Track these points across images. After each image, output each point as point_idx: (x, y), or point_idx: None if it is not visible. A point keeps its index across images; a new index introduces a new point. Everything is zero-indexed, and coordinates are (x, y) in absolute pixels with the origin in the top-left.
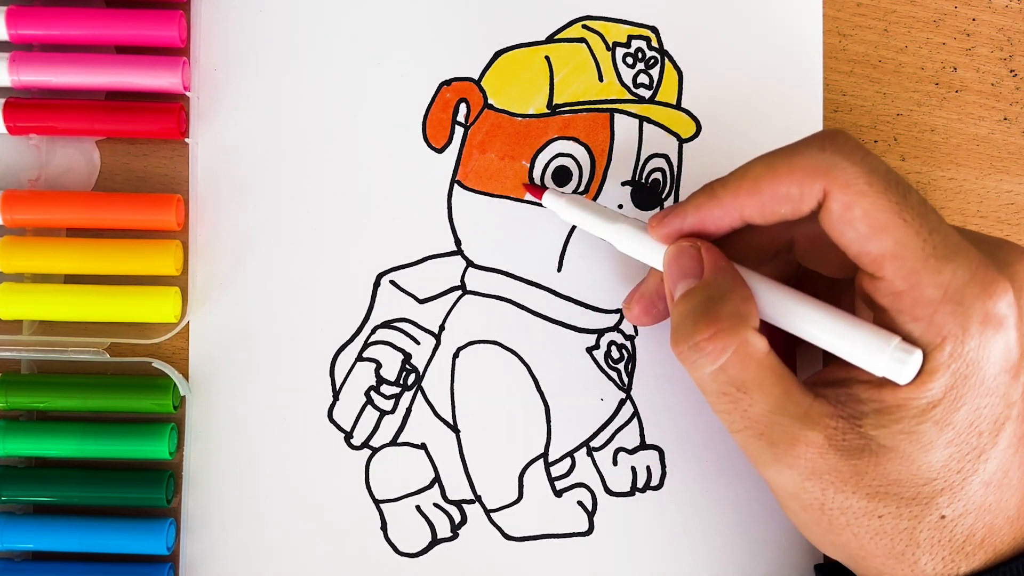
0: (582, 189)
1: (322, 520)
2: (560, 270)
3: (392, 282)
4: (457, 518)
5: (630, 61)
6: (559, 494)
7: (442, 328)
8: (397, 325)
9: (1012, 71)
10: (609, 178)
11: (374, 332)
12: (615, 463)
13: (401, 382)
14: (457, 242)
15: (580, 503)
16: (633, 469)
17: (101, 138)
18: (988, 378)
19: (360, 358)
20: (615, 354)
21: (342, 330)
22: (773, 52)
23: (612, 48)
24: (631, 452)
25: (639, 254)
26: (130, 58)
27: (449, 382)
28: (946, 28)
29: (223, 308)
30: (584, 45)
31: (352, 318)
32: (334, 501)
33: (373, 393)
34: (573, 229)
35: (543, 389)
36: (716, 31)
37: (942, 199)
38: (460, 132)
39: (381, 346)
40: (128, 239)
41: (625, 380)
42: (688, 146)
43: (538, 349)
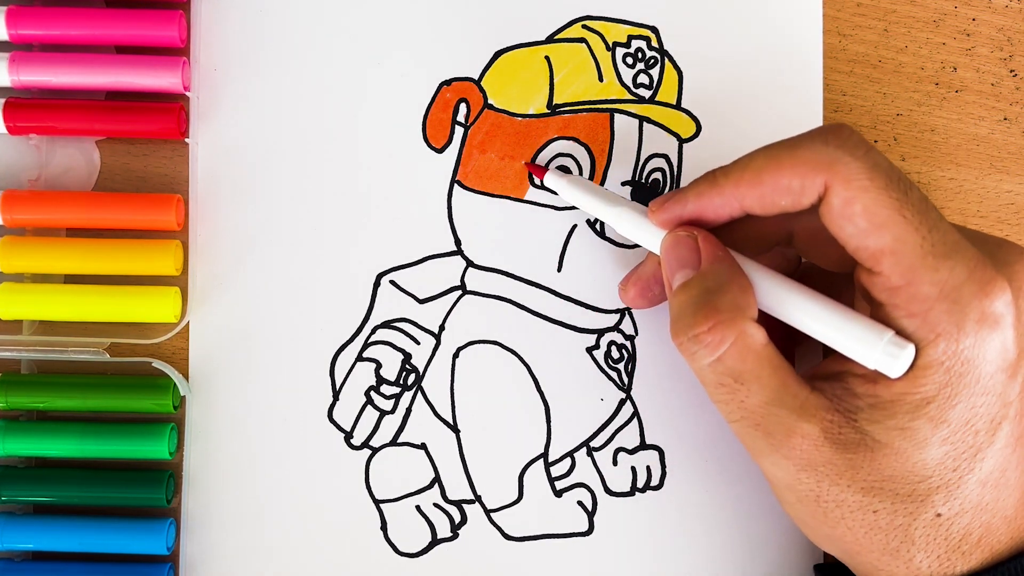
0: None
1: (322, 520)
2: (560, 270)
3: (392, 282)
4: (457, 518)
5: (630, 61)
6: (559, 494)
7: (442, 328)
8: (397, 325)
9: (1012, 71)
10: (609, 178)
11: (374, 332)
12: (615, 463)
13: (401, 382)
14: (457, 242)
15: (580, 503)
16: (633, 469)
17: (101, 138)
18: (984, 376)
19: (360, 358)
20: (615, 354)
21: (342, 330)
22: (773, 52)
23: (612, 48)
24: (631, 452)
25: (638, 238)
26: (130, 58)
27: (449, 382)
28: (946, 28)
29: (223, 308)
30: (584, 45)
31: (352, 318)
32: (334, 501)
33: (373, 393)
34: (573, 229)
35: (543, 389)
36: (716, 31)
37: (942, 199)
38: (460, 132)
39: (381, 346)
40: (128, 239)
41: (625, 380)
42: (688, 146)
43: (538, 349)
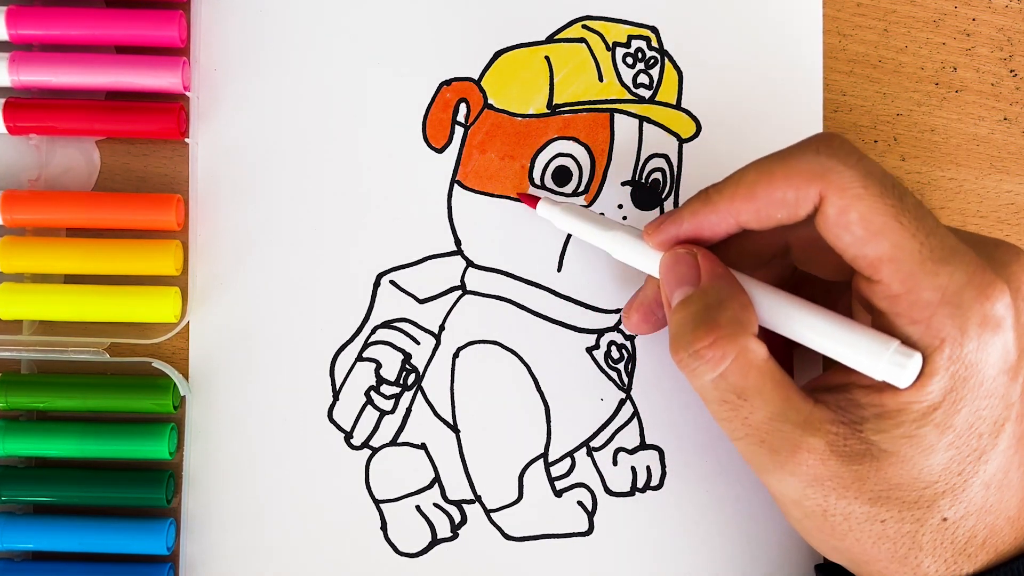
0: (582, 189)
1: (322, 520)
2: (560, 270)
3: (392, 282)
4: (457, 518)
5: (630, 61)
6: (559, 494)
7: (442, 328)
8: (397, 325)
9: (1012, 71)
10: (609, 178)
11: (374, 332)
12: (615, 463)
13: (401, 382)
14: (457, 242)
15: (580, 503)
16: (633, 469)
17: (101, 138)
18: (987, 380)
19: (360, 358)
20: (615, 354)
21: (342, 330)
22: (773, 52)
23: (612, 48)
24: (631, 452)
25: (635, 262)
26: (130, 58)
27: (449, 382)
28: (946, 28)
29: (223, 308)
30: (584, 45)
31: (352, 318)
32: (334, 501)
33: (373, 393)
34: None
35: (543, 389)
36: (716, 31)
37: (942, 199)
38: (460, 132)
39: (381, 346)
40: (128, 239)
41: (625, 380)
42: (688, 146)
43: (538, 349)
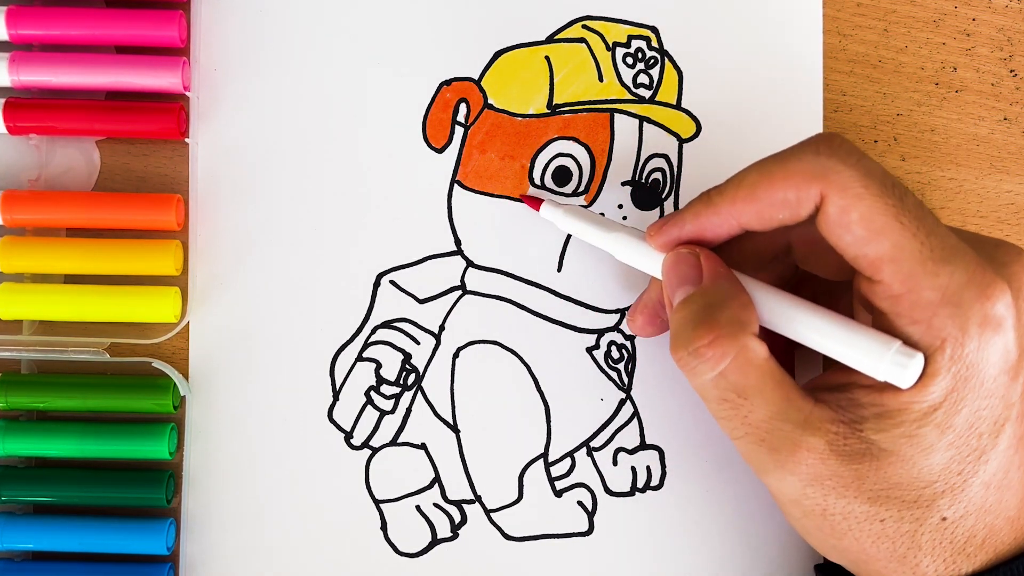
0: (582, 189)
1: (322, 520)
2: (560, 270)
3: (392, 282)
4: (457, 518)
5: (630, 61)
6: (559, 494)
7: (442, 328)
8: (397, 325)
9: (1012, 71)
10: (609, 178)
11: (374, 332)
12: (615, 463)
13: (401, 382)
14: (457, 242)
15: (580, 503)
16: (633, 469)
17: (101, 138)
18: (988, 380)
19: (360, 358)
20: (615, 354)
21: (342, 330)
22: (773, 52)
23: (612, 48)
24: (631, 452)
25: (638, 263)
26: (130, 58)
27: (449, 382)
28: (946, 28)
29: (223, 308)
30: (584, 45)
31: (352, 318)
32: (334, 501)
33: (373, 393)
34: None
35: (543, 389)
36: (716, 31)
37: (942, 199)
38: (460, 132)
39: (381, 346)
40: (128, 239)
41: (625, 380)
42: (688, 146)
43: (538, 349)
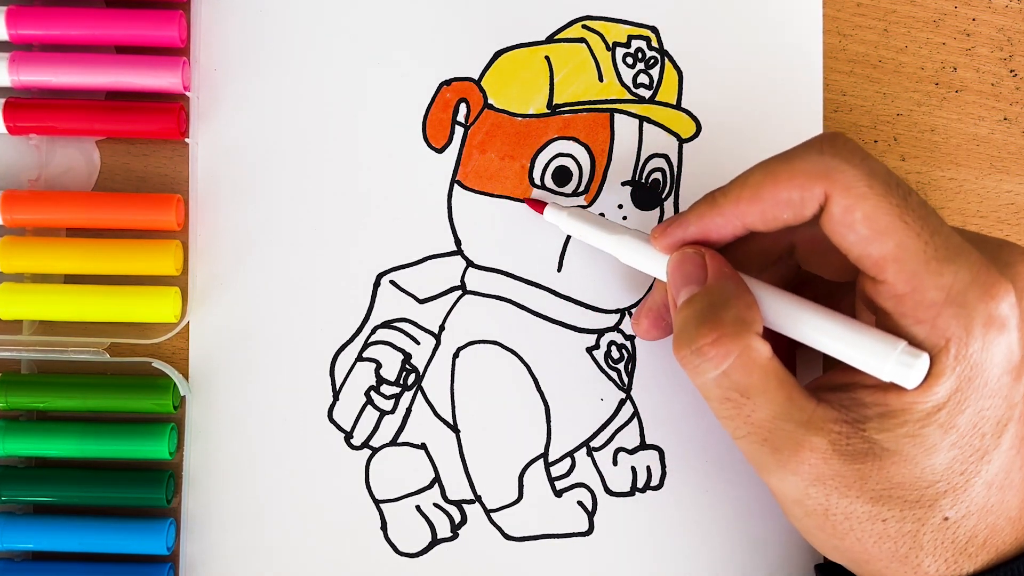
0: (582, 189)
1: (322, 520)
2: (560, 270)
3: (392, 282)
4: (457, 518)
5: (630, 61)
6: (559, 494)
7: (442, 328)
8: (397, 325)
9: (1012, 71)
10: (609, 178)
11: (374, 332)
12: (615, 463)
13: (401, 382)
14: (457, 242)
15: (580, 503)
16: (633, 469)
17: (101, 138)
18: (991, 380)
19: (360, 358)
20: (615, 354)
21: (342, 330)
22: (773, 52)
23: (612, 48)
24: (631, 452)
25: (642, 265)
26: (130, 58)
27: (449, 382)
28: (946, 28)
29: (223, 308)
30: (584, 45)
31: (352, 318)
32: (334, 501)
33: (373, 393)
34: None
35: (543, 389)
36: (716, 31)
37: (942, 199)
38: (460, 132)
39: (381, 346)
40: (128, 239)
41: (625, 380)
42: (688, 146)
43: (538, 349)
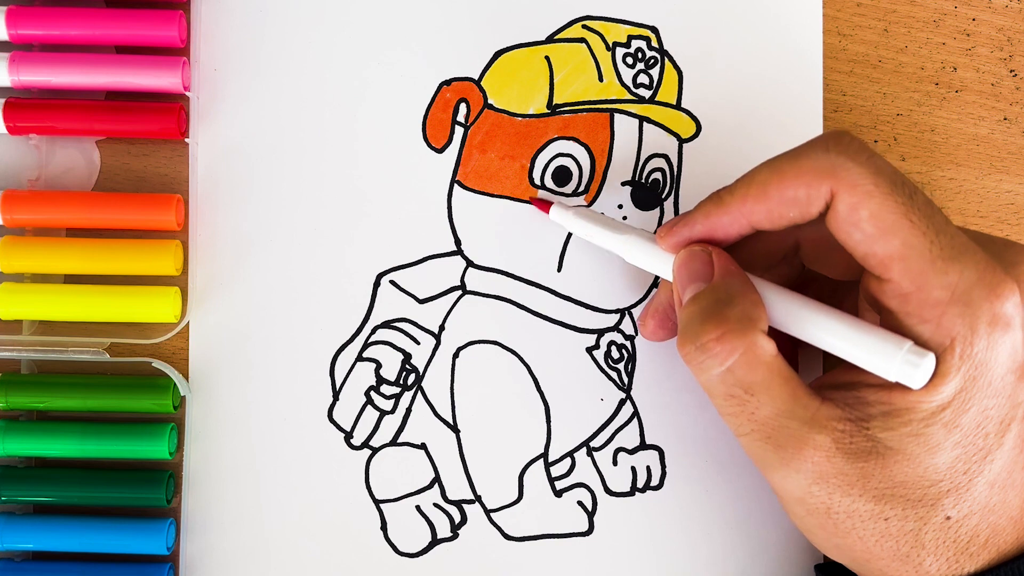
0: (582, 189)
1: (322, 520)
2: (560, 270)
3: (392, 282)
4: (457, 518)
5: (630, 61)
6: (559, 494)
7: (442, 328)
8: (397, 325)
9: (1012, 71)
10: (609, 178)
11: (374, 332)
12: (615, 463)
13: (401, 382)
14: (457, 242)
15: (580, 503)
16: (633, 469)
17: (101, 138)
18: (995, 379)
19: (360, 358)
20: (615, 354)
21: (342, 330)
22: (773, 52)
23: (612, 48)
24: (631, 452)
25: (648, 265)
26: (130, 58)
27: (449, 382)
28: (946, 28)
29: (223, 308)
30: (584, 45)
31: (352, 318)
32: (334, 501)
33: (373, 393)
34: None
35: (543, 389)
36: (716, 31)
37: (942, 199)
38: (460, 132)
39: (381, 346)
40: (128, 239)
41: (625, 380)
42: (688, 146)
43: (538, 349)
